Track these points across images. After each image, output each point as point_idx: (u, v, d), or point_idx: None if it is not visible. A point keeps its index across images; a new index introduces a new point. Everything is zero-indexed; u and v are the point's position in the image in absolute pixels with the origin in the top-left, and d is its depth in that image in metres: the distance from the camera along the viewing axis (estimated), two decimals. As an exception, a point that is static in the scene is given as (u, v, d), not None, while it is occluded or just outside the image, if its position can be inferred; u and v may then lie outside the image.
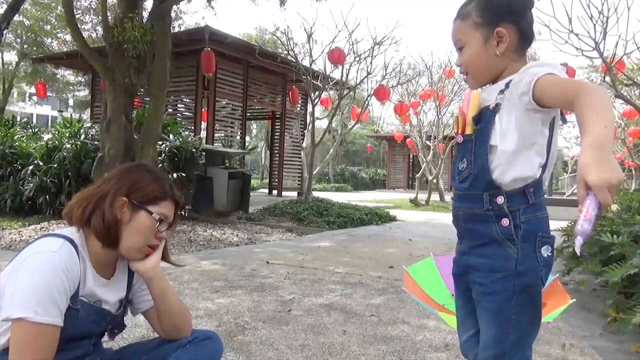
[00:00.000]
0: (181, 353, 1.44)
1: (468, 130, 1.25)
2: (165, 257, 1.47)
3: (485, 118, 1.21)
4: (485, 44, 1.22)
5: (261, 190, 18.39)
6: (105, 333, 1.45)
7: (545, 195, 1.24)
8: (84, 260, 1.30)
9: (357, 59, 10.70)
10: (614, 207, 5.26)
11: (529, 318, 1.19)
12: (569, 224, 5.03)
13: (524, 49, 1.25)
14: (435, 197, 15.77)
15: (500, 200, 1.17)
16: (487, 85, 1.28)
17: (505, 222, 1.17)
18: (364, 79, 11.21)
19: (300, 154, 12.87)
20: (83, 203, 1.34)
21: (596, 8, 5.27)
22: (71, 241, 1.28)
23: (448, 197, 16.36)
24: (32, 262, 1.20)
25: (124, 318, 1.49)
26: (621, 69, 6.89)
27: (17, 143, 8.01)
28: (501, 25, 1.20)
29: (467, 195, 1.23)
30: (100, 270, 1.36)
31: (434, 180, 15.62)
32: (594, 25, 5.30)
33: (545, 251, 1.17)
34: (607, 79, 6.01)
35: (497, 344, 1.19)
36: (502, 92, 1.19)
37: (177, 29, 14.03)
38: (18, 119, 13.40)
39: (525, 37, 1.24)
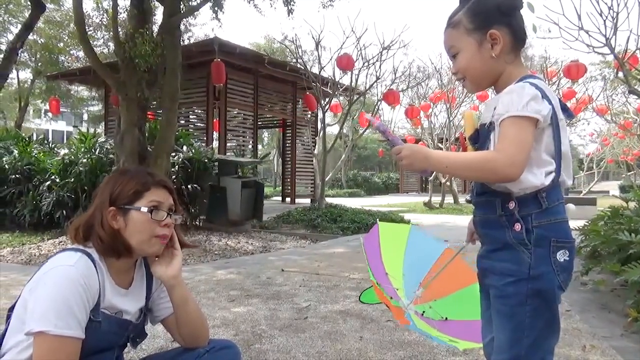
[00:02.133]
0: (200, 362, 1.46)
1: (469, 150, 1.29)
2: (181, 243, 1.48)
3: (482, 136, 1.25)
4: (480, 48, 1.24)
5: (274, 198, 18.45)
6: (128, 343, 1.48)
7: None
8: (102, 272, 1.33)
9: (366, 64, 10.73)
10: (632, 204, 5.18)
11: (544, 322, 1.18)
12: (586, 223, 4.96)
13: (518, 49, 1.27)
14: (449, 199, 15.67)
15: (512, 205, 1.18)
16: (489, 95, 1.30)
17: (517, 227, 1.18)
18: (373, 83, 11.23)
19: (312, 160, 12.91)
20: (75, 224, 1.38)
21: (605, 4, 5.22)
22: (89, 255, 1.31)
23: (462, 199, 16.25)
24: (51, 277, 1.23)
25: (145, 327, 1.52)
26: (634, 64, 6.80)
27: (34, 159, 8.16)
28: (493, 28, 1.22)
29: (482, 203, 1.26)
30: (118, 280, 1.39)
31: (447, 183, 15.54)
32: (604, 21, 5.25)
33: (561, 256, 1.17)
34: (620, 74, 5.94)
35: (511, 347, 1.19)
36: (495, 109, 1.21)
37: (186, 42, 14.18)
38: (34, 136, 13.64)
39: (518, 37, 1.26)
